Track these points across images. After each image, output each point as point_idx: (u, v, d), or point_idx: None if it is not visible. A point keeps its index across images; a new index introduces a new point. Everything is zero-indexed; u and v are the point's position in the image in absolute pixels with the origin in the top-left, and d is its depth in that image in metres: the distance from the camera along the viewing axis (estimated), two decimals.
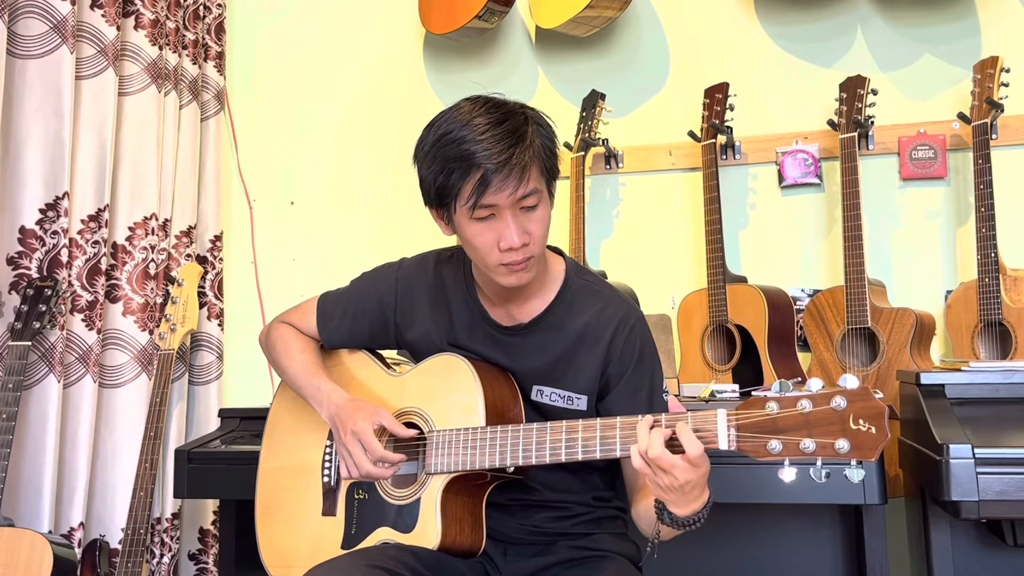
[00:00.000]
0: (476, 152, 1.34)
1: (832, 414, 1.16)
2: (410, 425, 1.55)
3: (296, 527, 1.62)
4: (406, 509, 1.50)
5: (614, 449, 1.32)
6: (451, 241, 1.55)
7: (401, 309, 1.62)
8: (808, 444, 1.17)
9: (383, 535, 1.51)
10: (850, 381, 1.16)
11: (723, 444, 1.22)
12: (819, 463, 1.18)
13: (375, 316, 1.65)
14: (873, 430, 1.14)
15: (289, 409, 1.72)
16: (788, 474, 1.19)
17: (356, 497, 1.57)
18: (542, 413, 1.53)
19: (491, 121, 1.37)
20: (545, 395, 1.52)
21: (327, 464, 1.62)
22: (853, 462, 1.16)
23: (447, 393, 1.51)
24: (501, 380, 1.53)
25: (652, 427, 1.27)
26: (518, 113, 1.40)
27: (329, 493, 1.60)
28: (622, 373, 1.50)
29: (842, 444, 1.15)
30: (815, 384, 1.18)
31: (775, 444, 1.18)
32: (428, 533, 1.45)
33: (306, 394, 1.62)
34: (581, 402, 1.51)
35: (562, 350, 1.52)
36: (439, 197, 1.41)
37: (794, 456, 1.18)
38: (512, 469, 1.43)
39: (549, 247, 1.58)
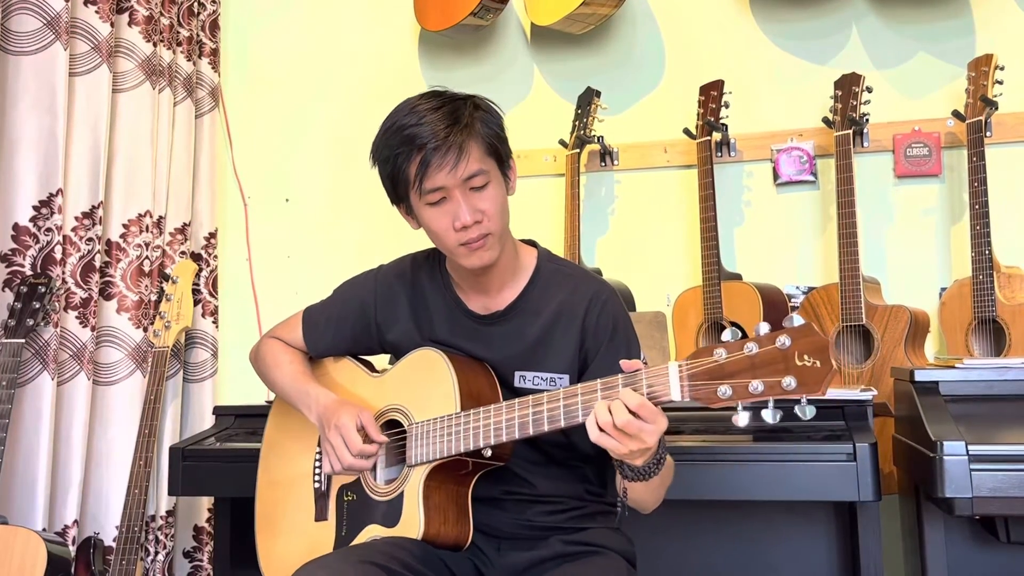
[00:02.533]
0: (417, 135, 1.42)
1: (777, 353, 1.16)
2: (393, 422, 1.57)
3: (292, 536, 1.64)
4: (391, 504, 1.51)
5: (577, 415, 1.33)
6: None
7: (382, 310, 1.65)
8: (756, 385, 1.17)
9: (372, 532, 1.52)
10: (795, 320, 1.17)
11: (676, 395, 1.23)
12: (771, 404, 1.18)
13: (357, 319, 1.67)
14: (818, 364, 1.14)
15: (281, 426, 1.75)
16: (742, 418, 1.20)
17: (345, 499, 1.59)
18: None
19: (432, 107, 1.44)
20: (528, 380, 1.54)
21: (317, 470, 1.65)
22: (803, 399, 1.17)
23: (424, 386, 1.53)
24: (476, 369, 1.55)
25: (609, 400, 1.28)
26: (460, 99, 1.47)
27: (320, 498, 1.62)
28: (598, 347, 1.53)
29: (789, 381, 1.15)
30: (763, 328, 1.19)
31: (725, 389, 1.19)
32: (412, 524, 1.46)
33: (295, 400, 1.64)
34: (563, 382, 1.53)
35: (539, 333, 1.54)
36: (394, 188, 1.50)
37: (745, 399, 1.18)
38: (489, 454, 1.45)
39: (523, 240, 1.62)
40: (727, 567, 2.15)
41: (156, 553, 2.69)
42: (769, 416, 1.18)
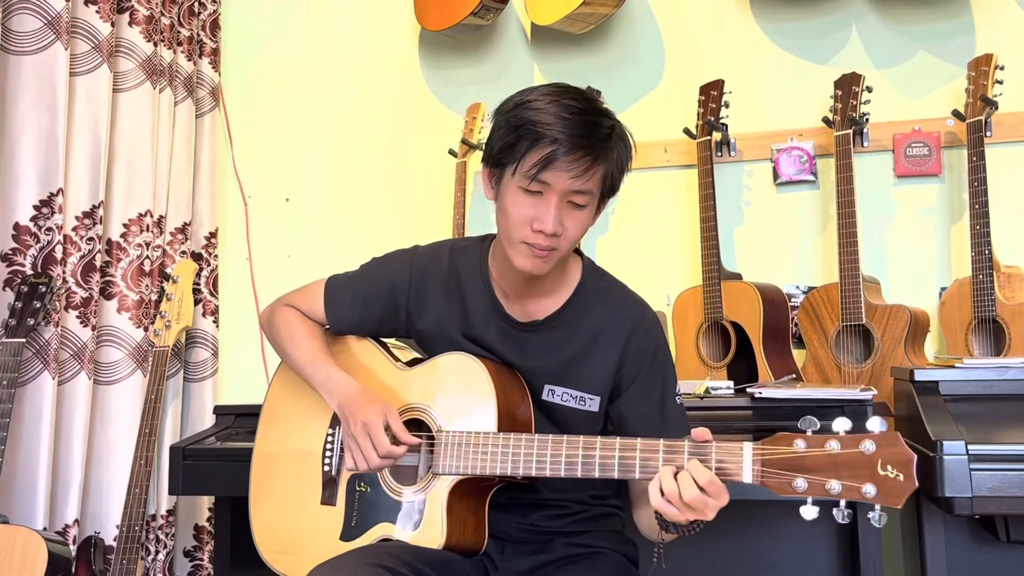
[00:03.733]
0: (553, 125, 1.34)
1: (861, 458, 1.16)
2: (416, 422, 1.53)
3: (293, 514, 1.60)
4: (410, 507, 1.49)
5: (633, 471, 1.30)
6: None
7: (414, 296, 1.59)
8: (834, 486, 1.16)
9: (384, 531, 1.50)
10: (880, 425, 1.16)
11: (747, 478, 1.22)
12: (843, 504, 1.18)
13: (386, 302, 1.61)
14: (901, 478, 1.14)
15: (289, 393, 1.69)
16: (810, 512, 1.19)
17: (358, 489, 1.55)
18: (551, 413, 1.52)
19: (581, 109, 1.37)
20: (557, 395, 1.51)
21: (328, 453, 1.60)
22: (878, 507, 1.16)
23: (458, 393, 1.50)
24: (513, 382, 1.51)
25: (676, 473, 1.25)
26: (608, 117, 1.41)
27: (329, 483, 1.58)
28: (636, 373, 1.50)
29: (869, 489, 1.15)
30: (844, 425, 1.18)
31: (801, 483, 1.18)
32: (433, 533, 1.45)
33: (315, 381, 1.58)
34: (593, 403, 1.50)
35: (577, 348, 1.51)
36: (500, 156, 1.41)
37: (818, 496, 1.18)
38: (521, 476, 1.42)
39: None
40: (727, 567, 2.16)
41: (156, 552, 2.70)
42: (839, 515, 1.18)
